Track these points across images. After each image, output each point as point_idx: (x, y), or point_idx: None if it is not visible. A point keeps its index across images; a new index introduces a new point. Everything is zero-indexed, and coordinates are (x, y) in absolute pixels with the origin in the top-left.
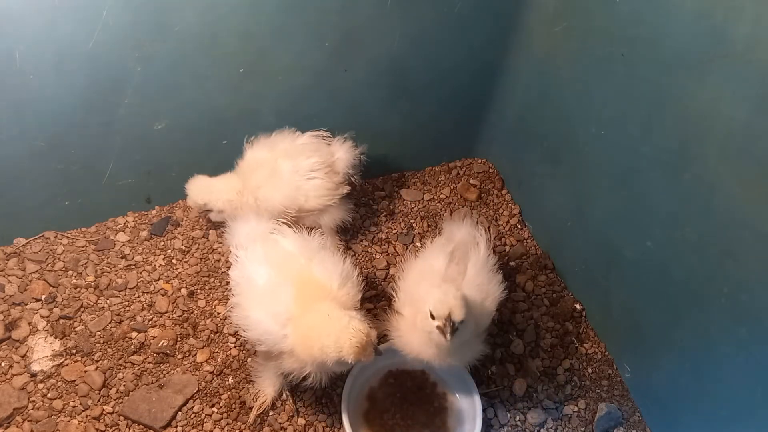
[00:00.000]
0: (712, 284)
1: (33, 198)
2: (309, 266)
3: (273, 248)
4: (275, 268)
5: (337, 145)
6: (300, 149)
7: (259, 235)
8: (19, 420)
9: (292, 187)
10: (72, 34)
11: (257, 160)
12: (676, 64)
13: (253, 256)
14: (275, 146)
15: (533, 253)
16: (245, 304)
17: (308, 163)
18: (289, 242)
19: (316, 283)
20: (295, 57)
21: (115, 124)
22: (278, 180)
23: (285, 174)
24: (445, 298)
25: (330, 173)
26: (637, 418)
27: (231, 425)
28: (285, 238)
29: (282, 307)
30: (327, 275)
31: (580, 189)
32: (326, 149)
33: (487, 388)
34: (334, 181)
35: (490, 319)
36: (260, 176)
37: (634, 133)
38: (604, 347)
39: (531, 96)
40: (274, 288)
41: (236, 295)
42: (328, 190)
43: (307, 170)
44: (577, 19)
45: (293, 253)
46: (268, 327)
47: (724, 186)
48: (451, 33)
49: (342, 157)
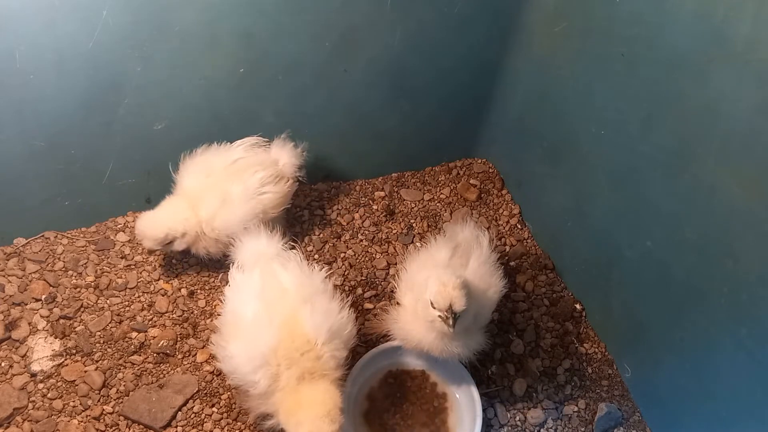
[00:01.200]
0: (712, 284)
1: (33, 198)
2: (300, 312)
3: (270, 281)
4: (266, 305)
5: (277, 149)
6: (243, 166)
7: (264, 258)
8: (19, 420)
9: (247, 209)
10: (72, 34)
11: (198, 188)
12: (676, 64)
13: (249, 285)
14: (211, 167)
15: (533, 253)
16: (226, 333)
17: (256, 179)
18: (288, 277)
19: (301, 333)
20: (295, 57)
21: (115, 124)
22: (231, 205)
23: (236, 198)
24: (445, 289)
25: (279, 182)
26: (637, 418)
27: (231, 425)
28: (284, 272)
29: (259, 351)
30: (314, 327)
31: (580, 189)
32: (268, 157)
33: (487, 388)
34: (287, 187)
35: (491, 311)
36: (210, 206)
37: (634, 133)
38: (604, 347)
39: (531, 96)
40: (258, 328)
41: (222, 317)
42: (283, 197)
43: (258, 187)
44: (577, 19)
45: (289, 290)
46: (240, 366)
47: (724, 186)
48: (451, 33)
49: (287, 162)
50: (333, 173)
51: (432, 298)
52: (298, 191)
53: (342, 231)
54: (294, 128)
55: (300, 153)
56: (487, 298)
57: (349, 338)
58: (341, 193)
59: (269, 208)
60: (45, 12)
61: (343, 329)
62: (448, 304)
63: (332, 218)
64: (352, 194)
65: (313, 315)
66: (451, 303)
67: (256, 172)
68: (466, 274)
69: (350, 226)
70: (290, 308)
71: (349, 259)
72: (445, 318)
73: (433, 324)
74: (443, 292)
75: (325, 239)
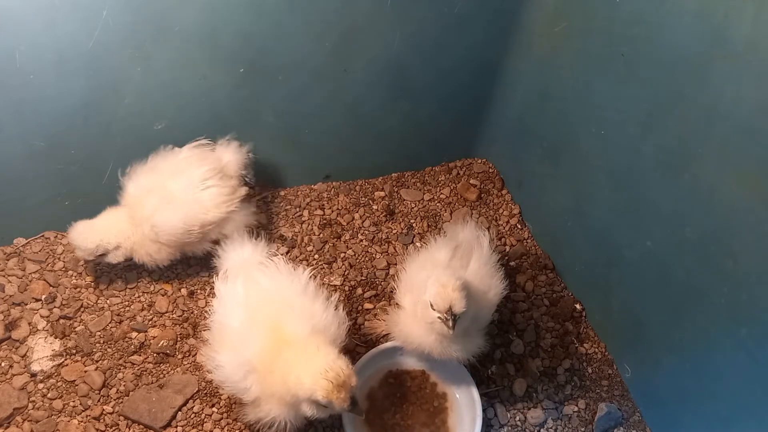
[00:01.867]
0: (712, 284)
1: (33, 198)
2: (282, 313)
3: (253, 288)
4: (250, 313)
5: (222, 149)
6: (185, 163)
7: (248, 265)
8: (19, 420)
9: (189, 204)
10: (72, 34)
11: (142, 189)
12: (676, 64)
13: (233, 293)
14: (157, 169)
15: (533, 253)
16: (214, 343)
17: (199, 173)
18: (268, 282)
19: (285, 335)
20: (295, 57)
21: (115, 124)
22: (172, 201)
23: (178, 193)
24: (445, 291)
25: (223, 178)
26: (637, 418)
27: (231, 425)
28: (264, 278)
29: (246, 357)
30: (296, 327)
31: (580, 189)
32: (212, 156)
33: (487, 388)
34: (230, 186)
35: (491, 313)
36: (151, 203)
37: (634, 133)
38: (604, 347)
39: (531, 96)
40: (245, 335)
41: (210, 328)
42: (227, 195)
43: (200, 181)
44: (577, 19)
45: (271, 293)
46: (230, 374)
47: (724, 186)
48: (451, 33)
49: (231, 159)
50: (333, 173)
51: (431, 299)
52: (297, 191)
53: (342, 231)
54: (294, 128)
55: (245, 153)
56: (487, 299)
57: (335, 336)
58: (341, 193)
59: (211, 207)
60: (45, 12)
61: (328, 328)
62: (447, 306)
63: (332, 218)
64: (352, 194)
65: (295, 314)
66: (451, 305)
67: (199, 167)
68: (466, 275)
69: (350, 226)
70: (273, 311)
71: (349, 259)
72: (445, 320)
73: (432, 325)
74: (443, 293)
75: (325, 239)
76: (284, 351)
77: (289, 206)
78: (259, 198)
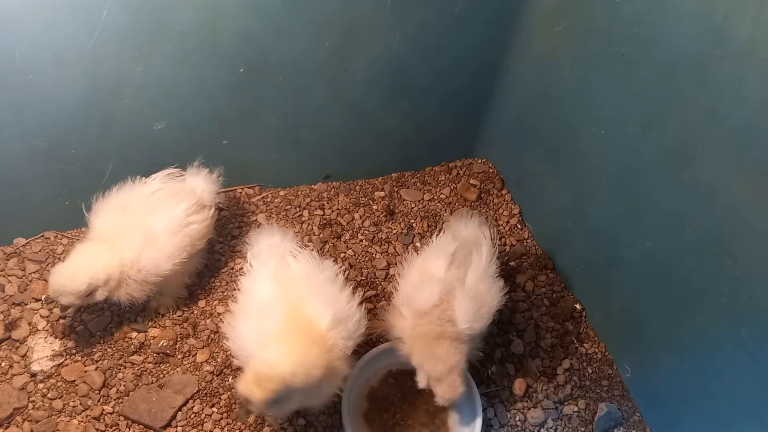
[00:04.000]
0: (712, 284)
1: (33, 198)
2: (306, 297)
3: (283, 269)
4: (277, 289)
5: (192, 177)
6: (160, 199)
7: (279, 250)
8: (19, 420)
9: (175, 244)
10: (72, 34)
11: (114, 227)
12: (676, 64)
13: (264, 270)
14: (128, 205)
15: (533, 253)
16: (238, 313)
17: (179, 211)
18: (299, 267)
19: (305, 317)
20: (295, 57)
21: (115, 124)
22: (157, 243)
23: (161, 234)
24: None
25: (202, 211)
26: (637, 418)
27: (231, 425)
28: (296, 262)
29: (266, 327)
30: (317, 313)
31: (580, 189)
32: (185, 187)
33: (487, 388)
34: (210, 216)
35: (484, 327)
36: (133, 246)
37: (634, 133)
38: (604, 347)
39: (531, 96)
40: (269, 306)
41: (236, 303)
42: (208, 227)
43: (182, 219)
44: (577, 19)
45: (300, 277)
46: (245, 343)
47: (724, 186)
48: (451, 33)
49: (205, 189)
50: (333, 173)
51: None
52: (297, 191)
53: (342, 231)
54: (294, 128)
55: (216, 179)
56: (480, 315)
57: (356, 328)
58: (341, 193)
59: (196, 240)
60: (45, 12)
61: (350, 318)
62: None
63: (332, 218)
64: (352, 194)
65: (317, 301)
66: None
67: (178, 203)
68: (462, 292)
69: (350, 226)
70: (298, 295)
71: (349, 259)
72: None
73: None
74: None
75: (325, 239)
76: (294, 335)
77: (289, 206)
78: (259, 198)
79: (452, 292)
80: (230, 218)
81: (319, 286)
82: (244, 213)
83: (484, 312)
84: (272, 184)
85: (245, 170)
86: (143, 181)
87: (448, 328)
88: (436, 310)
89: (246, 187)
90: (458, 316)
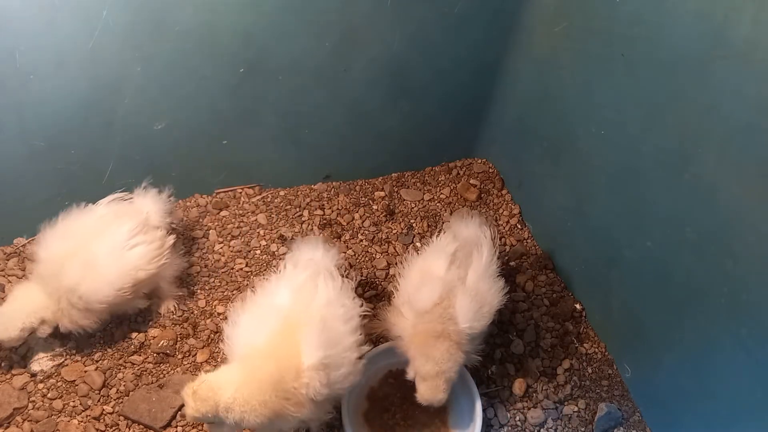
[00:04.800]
0: (712, 284)
1: (33, 198)
2: (308, 325)
3: (310, 286)
4: (292, 302)
5: (141, 199)
6: (104, 222)
7: (315, 268)
8: (19, 420)
9: (118, 268)
10: (72, 34)
11: (58, 256)
12: (676, 64)
13: (292, 278)
14: (71, 232)
15: (533, 253)
16: (248, 304)
17: (123, 232)
18: (323, 292)
19: (295, 343)
20: (295, 57)
21: (115, 124)
22: (97, 268)
23: (102, 258)
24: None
25: (149, 232)
26: (637, 418)
27: None
28: (324, 286)
29: (257, 330)
30: (308, 348)
31: (580, 189)
32: (132, 209)
33: (487, 388)
34: (158, 238)
35: (485, 327)
36: (73, 273)
37: (634, 133)
38: (604, 347)
39: (531, 96)
40: (273, 313)
41: (253, 291)
42: (156, 250)
43: (126, 240)
44: (577, 19)
45: (316, 303)
46: (237, 335)
47: (724, 186)
48: (451, 33)
49: (153, 209)
50: (333, 173)
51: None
52: (297, 191)
53: (342, 231)
54: (294, 128)
55: (166, 199)
56: (481, 314)
57: (339, 380)
58: (341, 193)
59: (143, 263)
60: (45, 12)
61: (339, 368)
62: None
63: (332, 218)
64: (352, 194)
65: (316, 336)
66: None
67: (120, 226)
68: (462, 292)
69: (350, 226)
70: (304, 318)
71: (349, 259)
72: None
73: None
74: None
75: (325, 239)
76: (263, 364)
77: (289, 206)
78: (259, 198)
79: (453, 291)
80: (230, 218)
81: (329, 321)
82: (244, 213)
83: (485, 311)
84: (272, 184)
85: (245, 170)
86: (89, 207)
87: (449, 327)
88: (437, 309)
89: (246, 187)
90: (459, 315)
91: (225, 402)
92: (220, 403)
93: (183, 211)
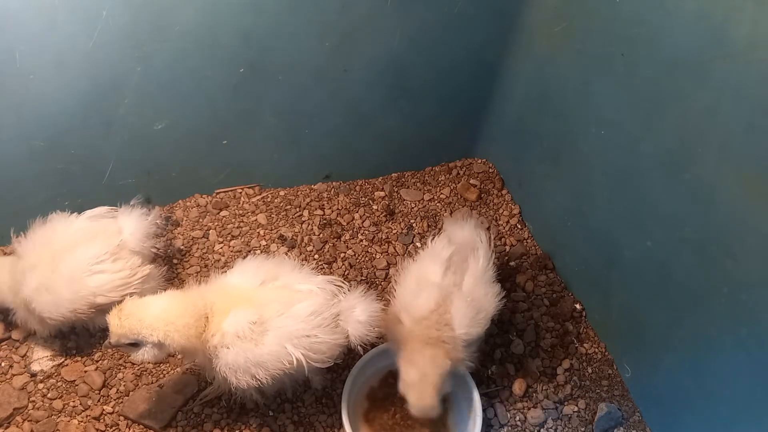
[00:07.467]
0: (712, 284)
1: (33, 198)
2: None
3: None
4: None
5: (124, 217)
6: (77, 238)
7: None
8: (19, 420)
9: (74, 292)
10: (72, 34)
11: (36, 257)
12: (676, 64)
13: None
14: (52, 238)
15: (533, 253)
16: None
17: (88, 256)
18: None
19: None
20: (295, 57)
21: (115, 124)
22: (54, 287)
23: (60, 277)
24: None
25: (121, 258)
26: (637, 418)
27: (231, 426)
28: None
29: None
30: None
31: (580, 189)
32: (112, 228)
33: (487, 388)
34: (129, 267)
35: (481, 333)
36: (29, 287)
37: (634, 133)
38: (604, 347)
39: (531, 96)
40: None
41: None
42: (122, 279)
43: (90, 265)
44: (577, 19)
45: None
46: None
47: (724, 186)
48: (451, 33)
49: (132, 232)
50: (333, 173)
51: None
52: (297, 191)
53: (342, 231)
54: (294, 128)
55: (151, 222)
56: (477, 320)
57: (312, 346)
58: (341, 193)
59: (105, 291)
60: (45, 12)
61: (260, 366)
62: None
63: (332, 218)
64: (352, 194)
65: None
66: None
67: (89, 248)
68: (458, 297)
69: (350, 226)
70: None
71: (349, 259)
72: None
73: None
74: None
75: (325, 239)
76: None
77: (289, 206)
78: (259, 198)
79: (449, 297)
80: (230, 218)
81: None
82: (244, 213)
83: (481, 317)
84: (272, 184)
85: (245, 170)
86: (72, 217)
87: (445, 333)
88: (433, 315)
89: (246, 187)
90: (455, 321)
91: (148, 320)
92: (144, 320)
93: (183, 211)
